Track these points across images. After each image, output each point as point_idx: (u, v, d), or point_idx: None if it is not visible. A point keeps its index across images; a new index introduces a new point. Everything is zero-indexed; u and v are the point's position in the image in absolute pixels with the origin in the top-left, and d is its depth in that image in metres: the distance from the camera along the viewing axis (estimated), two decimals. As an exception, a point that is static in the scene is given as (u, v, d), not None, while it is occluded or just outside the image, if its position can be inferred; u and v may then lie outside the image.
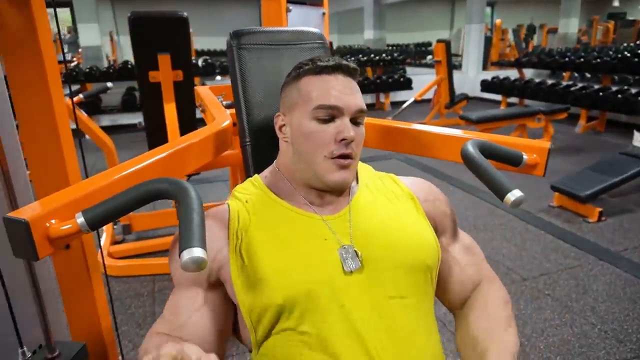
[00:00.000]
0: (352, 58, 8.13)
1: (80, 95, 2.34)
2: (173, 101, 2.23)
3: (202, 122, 1.55)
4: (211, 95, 1.60)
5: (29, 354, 1.05)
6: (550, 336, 1.98)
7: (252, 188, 0.86)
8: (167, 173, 0.97)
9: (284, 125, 0.85)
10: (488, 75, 7.62)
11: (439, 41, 5.80)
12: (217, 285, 0.77)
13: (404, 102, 6.46)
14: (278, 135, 0.87)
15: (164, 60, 2.15)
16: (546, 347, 1.91)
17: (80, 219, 0.70)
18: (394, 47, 12.83)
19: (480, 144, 0.95)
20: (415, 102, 6.19)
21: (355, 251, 0.75)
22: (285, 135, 0.85)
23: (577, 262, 2.60)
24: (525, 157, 0.99)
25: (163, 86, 2.20)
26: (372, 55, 8.29)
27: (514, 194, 0.82)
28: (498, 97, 7.40)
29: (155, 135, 2.30)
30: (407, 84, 7.87)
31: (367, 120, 1.26)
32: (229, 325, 0.80)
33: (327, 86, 0.79)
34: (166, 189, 0.71)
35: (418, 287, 0.78)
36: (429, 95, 6.44)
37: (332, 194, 0.83)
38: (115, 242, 2.76)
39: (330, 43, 9.50)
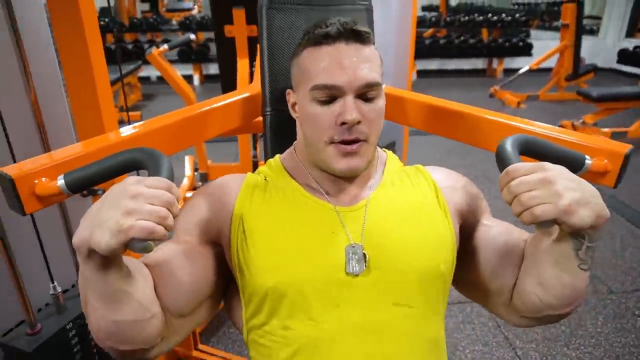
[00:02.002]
0: (466, 18, 7.42)
1: (165, 46, 2.44)
2: (246, 57, 2.21)
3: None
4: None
5: (59, 289, 1.15)
6: (627, 365, 1.69)
7: (269, 169, 0.81)
8: (180, 138, 0.95)
9: (295, 103, 0.78)
10: (631, 44, 6.45)
11: (568, 1, 4.98)
12: (210, 244, 0.73)
13: (519, 69, 5.77)
14: (291, 113, 0.80)
15: (239, 14, 2.12)
16: (617, 376, 1.64)
17: (60, 181, 0.70)
18: (522, 6, 11.44)
19: (524, 142, 0.76)
20: (530, 71, 5.49)
21: (364, 253, 0.67)
22: (297, 114, 0.78)
23: (690, 282, 2.16)
24: (588, 161, 0.79)
25: (237, 41, 2.19)
26: (490, 15, 7.48)
27: None
28: (638, 71, 6.27)
29: (230, 91, 2.33)
30: (526, 50, 7.02)
31: (403, 93, 1.11)
32: (208, 289, 0.72)
33: (325, 61, 0.69)
34: (139, 159, 0.68)
35: (429, 296, 0.69)
36: (551, 63, 5.64)
37: (347, 181, 0.75)
38: (194, 188, 2.93)
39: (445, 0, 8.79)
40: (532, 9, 10.16)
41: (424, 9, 11.73)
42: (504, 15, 7.45)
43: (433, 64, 7.42)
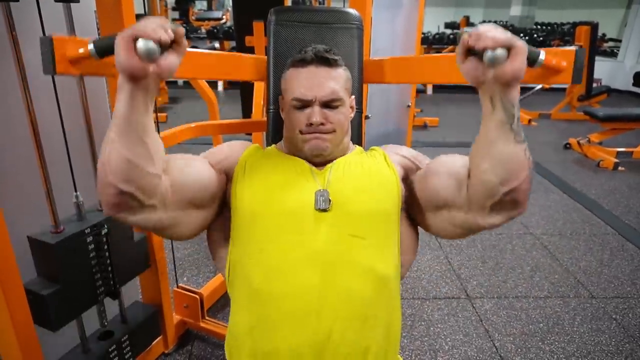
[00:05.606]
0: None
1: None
2: (263, 65, 2.45)
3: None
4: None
5: (81, 199, 1.29)
6: (596, 360, 1.82)
7: (268, 148, 1.06)
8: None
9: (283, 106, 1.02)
10: (649, 67, 6.50)
11: (582, 23, 5.10)
12: (221, 173, 0.95)
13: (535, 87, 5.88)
14: (281, 114, 1.04)
15: (259, 27, 2.36)
16: (585, 369, 1.77)
17: (90, 45, 0.77)
18: (544, 27, 11.50)
19: None
20: (544, 89, 5.61)
21: (329, 198, 0.88)
22: (284, 114, 1.02)
23: (672, 293, 2.27)
24: (542, 55, 0.81)
25: (256, 50, 2.43)
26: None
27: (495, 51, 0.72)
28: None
29: (247, 93, 2.56)
30: (542, 69, 7.10)
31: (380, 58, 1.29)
32: (205, 195, 0.90)
33: (299, 80, 0.94)
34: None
35: (378, 231, 0.89)
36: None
37: (319, 159, 0.97)
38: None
39: (466, 18, 8.95)
40: (554, 29, 10.20)
41: (446, 26, 11.91)
42: (521, 35, 7.56)
43: (450, 80, 7.57)
